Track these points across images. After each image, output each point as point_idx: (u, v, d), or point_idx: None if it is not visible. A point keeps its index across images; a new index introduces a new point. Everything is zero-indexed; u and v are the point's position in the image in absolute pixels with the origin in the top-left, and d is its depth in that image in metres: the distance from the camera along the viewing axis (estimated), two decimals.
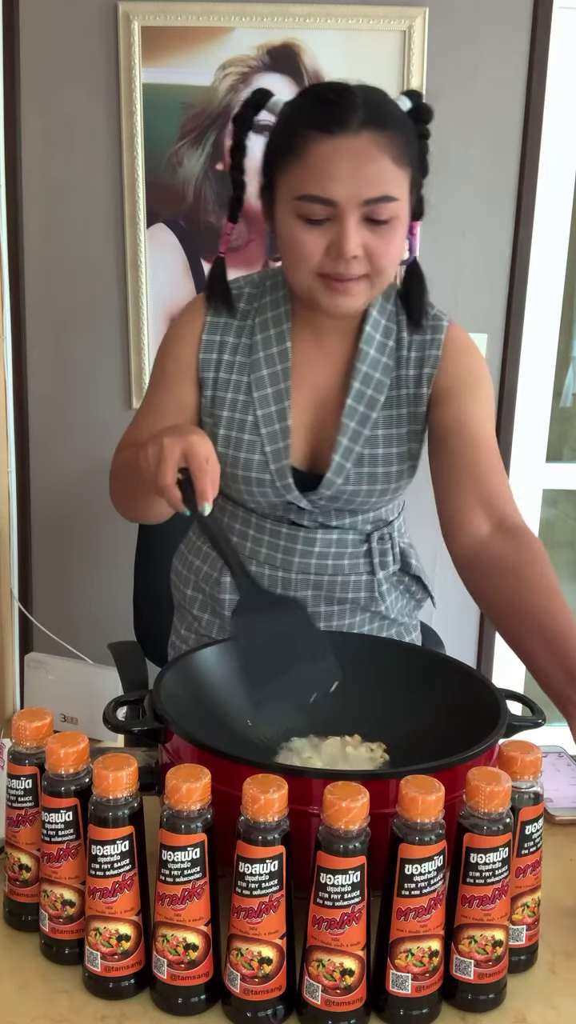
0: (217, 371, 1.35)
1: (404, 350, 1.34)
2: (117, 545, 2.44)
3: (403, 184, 1.20)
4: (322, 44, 2.30)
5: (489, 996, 0.90)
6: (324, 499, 1.36)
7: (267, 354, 1.33)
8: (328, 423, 1.35)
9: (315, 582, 1.41)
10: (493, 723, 1.04)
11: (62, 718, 2.35)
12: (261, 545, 1.42)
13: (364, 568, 1.43)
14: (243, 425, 1.34)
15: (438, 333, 1.33)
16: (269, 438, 1.33)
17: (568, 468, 2.73)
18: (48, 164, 2.39)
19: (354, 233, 1.17)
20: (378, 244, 1.19)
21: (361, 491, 1.35)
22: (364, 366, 1.32)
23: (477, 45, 2.33)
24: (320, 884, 0.84)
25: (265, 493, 1.36)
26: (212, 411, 1.36)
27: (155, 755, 1.10)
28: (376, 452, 1.34)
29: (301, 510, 1.37)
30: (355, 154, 1.15)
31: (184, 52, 2.31)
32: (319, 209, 1.17)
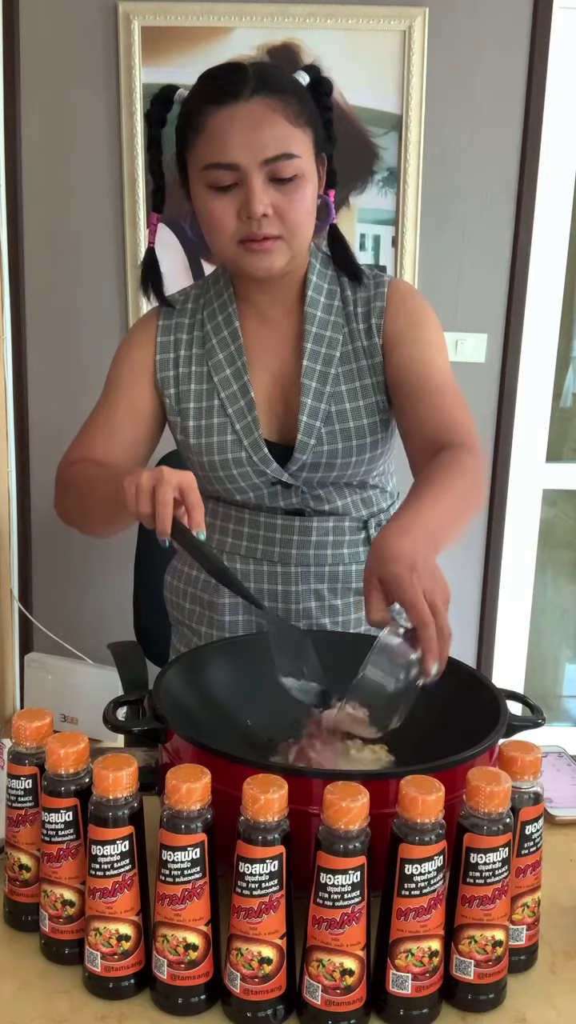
0: (176, 368, 1.39)
1: (351, 306, 1.37)
2: (117, 545, 2.44)
3: (304, 143, 1.25)
4: (322, 44, 2.30)
5: (489, 996, 0.90)
6: (304, 468, 1.36)
7: (219, 339, 1.38)
8: (291, 393, 1.37)
9: (316, 573, 1.42)
10: (493, 723, 1.04)
11: (62, 718, 2.35)
12: (257, 541, 1.42)
13: (364, 556, 1.43)
14: (211, 411, 1.37)
15: (381, 287, 1.38)
16: (237, 415, 1.36)
17: (568, 468, 2.73)
18: (48, 164, 2.39)
19: (261, 193, 1.22)
20: (286, 202, 1.24)
21: (337, 450, 1.35)
22: (313, 327, 1.36)
23: (477, 45, 2.33)
24: (320, 884, 0.84)
25: (246, 474, 1.37)
26: (178, 407, 1.39)
27: (155, 755, 1.10)
28: (343, 407, 1.35)
29: (287, 488, 1.38)
30: (249, 119, 1.22)
31: (184, 52, 2.31)
32: (224, 175, 1.23)
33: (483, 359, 2.48)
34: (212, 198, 1.25)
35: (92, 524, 1.34)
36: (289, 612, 1.42)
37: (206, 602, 1.48)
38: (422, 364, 1.33)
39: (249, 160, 1.21)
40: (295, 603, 1.42)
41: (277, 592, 1.42)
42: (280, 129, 1.22)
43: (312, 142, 1.26)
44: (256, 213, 1.22)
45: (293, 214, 1.24)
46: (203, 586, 1.48)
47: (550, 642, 3.13)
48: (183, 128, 1.28)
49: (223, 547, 1.45)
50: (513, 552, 2.61)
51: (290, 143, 1.22)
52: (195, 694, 1.15)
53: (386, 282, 1.38)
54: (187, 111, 1.27)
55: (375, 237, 2.39)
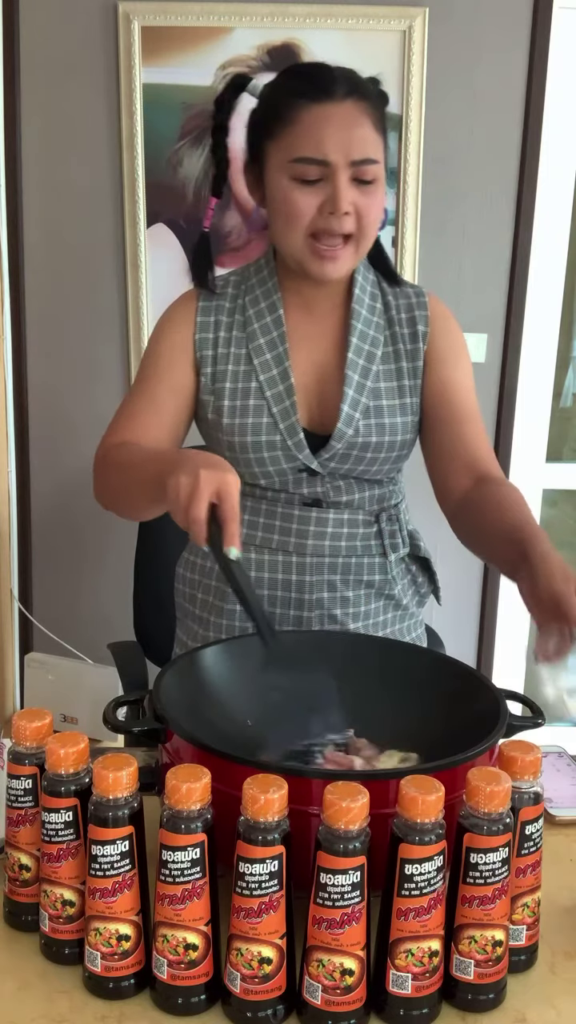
0: (215, 348, 1.40)
1: (393, 311, 1.43)
2: (117, 545, 2.44)
3: (381, 149, 1.30)
4: (322, 44, 2.30)
5: (489, 996, 0.90)
6: (335, 458, 1.38)
7: (261, 324, 1.40)
8: (329, 384, 1.40)
9: (330, 564, 1.43)
10: (493, 723, 1.04)
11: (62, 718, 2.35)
12: (273, 531, 1.43)
13: (376, 550, 1.45)
14: (247, 392, 1.39)
15: (422, 297, 1.44)
16: (275, 399, 1.38)
17: (568, 468, 2.73)
18: (48, 164, 2.39)
19: (346, 190, 1.26)
20: (365, 203, 1.28)
21: (370, 443, 1.38)
22: (359, 323, 1.40)
23: (477, 45, 2.33)
24: (320, 884, 0.84)
25: (276, 458, 1.38)
26: (214, 387, 1.40)
27: (155, 755, 1.10)
28: (380, 403, 1.39)
29: (313, 476, 1.40)
30: (343, 118, 1.26)
31: (184, 52, 2.31)
32: (313, 170, 1.26)
33: (483, 359, 2.48)
34: (296, 190, 1.27)
35: (133, 509, 1.33)
36: (302, 601, 1.43)
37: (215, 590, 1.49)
38: (460, 389, 1.42)
39: (340, 158, 1.25)
40: (308, 593, 1.43)
41: (291, 582, 1.43)
42: (368, 133, 1.27)
43: (384, 149, 1.31)
44: (340, 210, 1.26)
45: (368, 216, 1.29)
46: (218, 576, 1.49)
47: None
48: (266, 118, 1.30)
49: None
50: None
51: (374, 148, 1.27)
52: (195, 694, 1.15)
53: (425, 294, 1.44)
54: (274, 103, 1.29)
55: None
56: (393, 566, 1.48)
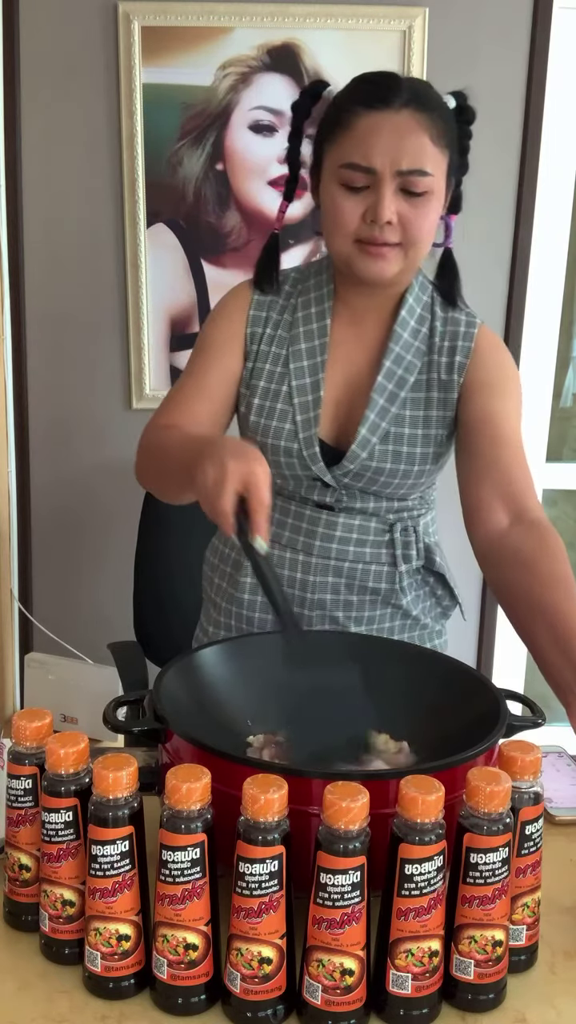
0: (259, 344, 1.41)
1: (436, 338, 1.40)
2: (117, 545, 2.45)
3: (440, 163, 1.28)
4: (322, 44, 2.30)
5: (489, 996, 0.90)
6: (348, 475, 1.38)
7: (306, 329, 1.40)
8: (357, 401, 1.40)
9: (335, 567, 1.43)
10: (493, 723, 1.04)
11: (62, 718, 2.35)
12: (284, 528, 1.44)
13: (386, 559, 1.45)
14: (277, 395, 1.39)
15: (471, 328, 1.40)
16: (301, 408, 1.38)
17: (568, 468, 2.73)
18: (48, 164, 2.39)
19: (390, 200, 1.26)
20: (412, 214, 1.27)
21: (384, 469, 1.38)
22: (397, 347, 1.39)
23: (477, 45, 2.33)
24: (320, 884, 0.84)
25: (292, 464, 1.39)
26: (250, 382, 1.41)
27: (155, 755, 1.10)
28: (402, 431, 1.38)
29: (325, 487, 1.40)
30: (396, 128, 1.25)
31: (184, 52, 2.31)
32: (359, 177, 1.26)
33: None
34: (342, 196, 1.28)
35: (169, 492, 1.34)
36: (304, 600, 1.44)
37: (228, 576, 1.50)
38: (502, 420, 1.35)
39: (386, 167, 1.25)
40: (311, 593, 1.44)
41: (296, 579, 1.44)
42: (421, 145, 1.25)
43: (447, 164, 1.30)
44: (381, 219, 1.26)
45: (415, 227, 1.28)
46: (233, 564, 1.50)
47: None
48: (329, 122, 1.31)
49: None
50: None
51: (427, 160, 1.26)
52: (195, 694, 1.15)
53: (476, 324, 1.41)
54: (337, 108, 1.30)
55: None
56: (404, 577, 1.46)
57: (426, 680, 1.20)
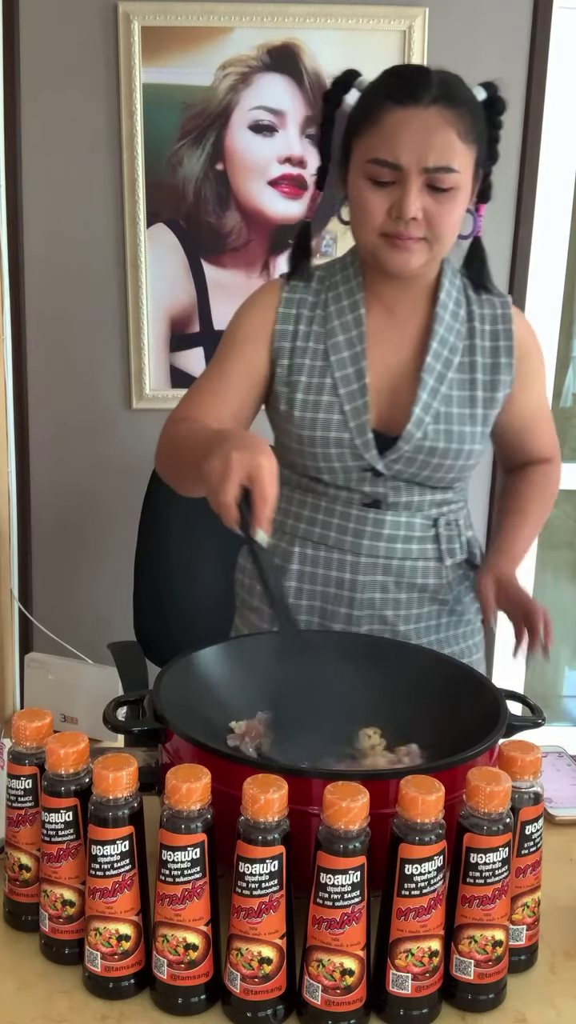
0: (294, 341, 1.41)
1: (475, 321, 1.44)
2: (117, 545, 2.44)
3: (467, 159, 1.30)
4: (322, 44, 2.30)
5: (489, 996, 0.90)
6: (400, 460, 1.39)
7: (342, 321, 1.41)
8: (402, 386, 1.41)
9: (384, 566, 1.44)
10: (493, 723, 1.04)
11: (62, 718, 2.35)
12: (330, 529, 1.45)
13: (432, 554, 1.46)
14: (321, 388, 1.40)
15: (507, 309, 1.46)
16: (348, 397, 1.39)
17: (568, 468, 2.72)
18: (48, 164, 2.39)
19: (415, 197, 1.27)
20: (437, 210, 1.29)
21: (437, 449, 1.40)
22: (441, 328, 1.41)
23: (477, 45, 2.33)
24: (320, 884, 0.84)
25: (343, 455, 1.40)
26: (289, 379, 1.41)
27: (155, 755, 1.10)
28: (451, 411, 1.41)
29: (376, 477, 1.41)
30: (423, 124, 1.26)
31: (184, 52, 2.31)
32: (386, 172, 1.27)
33: None
34: (369, 190, 1.29)
35: (184, 485, 1.34)
36: (354, 600, 1.44)
37: None
38: (536, 408, 1.51)
39: (412, 164, 1.26)
40: (360, 592, 1.44)
41: (344, 580, 1.45)
42: (449, 142, 1.26)
43: (474, 159, 1.32)
44: (407, 216, 1.27)
45: (440, 223, 1.30)
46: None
47: None
48: (358, 116, 1.32)
49: (296, 532, 1.47)
50: None
51: (454, 157, 1.27)
52: (195, 694, 1.15)
53: (510, 304, 1.46)
54: (366, 102, 1.31)
55: None
56: (449, 571, 1.48)
57: (426, 680, 1.20)
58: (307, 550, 1.46)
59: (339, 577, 1.45)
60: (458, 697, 1.16)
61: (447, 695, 1.17)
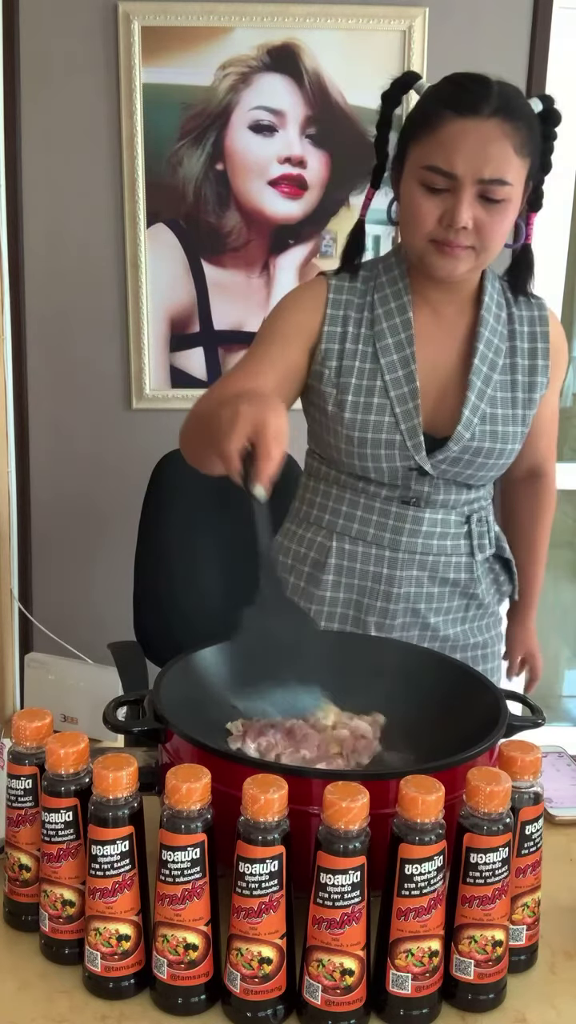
0: (343, 343, 1.42)
1: (516, 324, 1.47)
2: (117, 545, 2.44)
3: (520, 172, 1.32)
4: (322, 44, 2.30)
5: (489, 996, 0.90)
6: (447, 460, 1.42)
7: (390, 324, 1.42)
8: (448, 389, 1.44)
9: (420, 562, 1.48)
10: (493, 723, 1.04)
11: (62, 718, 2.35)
12: (369, 525, 1.47)
13: (464, 549, 1.50)
14: (372, 390, 1.41)
15: (543, 311, 1.50)
16: (399, 400, 1.41)
17: (568, 468, 2.73)
18: (48, 164, 2.39)
19: (467, 206, 1.29)
20: (488, 221, 1.31)
21: (483, 449, 1.43)
22: (486, 331, 1.44)
23: (477, 45, 2.33)
24: (320, 884, 0.84)
25: (392, 456, 1.42)
26: (338, 380, 1.42)
27: (155, 755, 1.10)
28: (496, 412, 1.44)
29: (422, 476, 1.43)
30: (481, 136, 1.28)
31: (184, 52, 2.31)
32: (440, 179, 1.29)
33: None
34: (421, 195, 1.31)
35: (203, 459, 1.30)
36: (390, 594, 1.47)
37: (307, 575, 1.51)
38: (552, 412, 1.56)
39: (467, 174, 1.28)
40: (397, 587, 1.47)
41: (382, 575, 1.47)
42: (505, 155, 1.28)
43: (527, 172, 1.33)
44: (458, 223, 1.29)
45: (490, 233, 1.32)
46: (313, 563, 1.51)
47: (550, 642, 3.12)
48: (417, 120, 1.34)
49: (334, 527, 1.49)
50: None
51: (508, 170, 1.29)
52: (195, 694, 1.15)
53: (546, 307, 1.50)
54: (425, 108, 1.33)
55: (375, 237, 2.39)
56: (479, 566, 1.52)
57: (426, 680, 1.20)
58: (345, 545, 1.49)
59: (376, 572, 1.47)
60: (458, 697, 1.16)
61: (447, 695, 1.17)
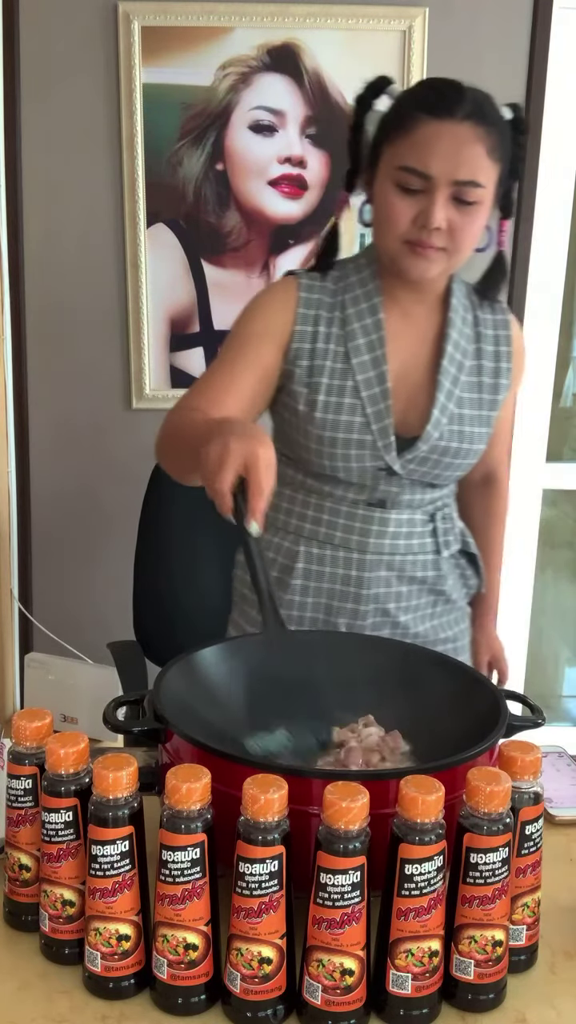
0: (314, 342, 1.43)
1: (482, 327, 1.49)
2: (117, 545, 2.44)
3: (492, 176, 1.33)
4: (322, 44, 2.30)
5: (489, 996, 0.90)
6: (416, 460, 1.43)
7: (362, 324, 1.43)
8: (417, 389, 1.45)
9: (388, 562, 1.49)
10: (493, 723, 1.04)
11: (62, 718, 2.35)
12: (336, 528, 1.48)
13: (430, 547, 1.52)
14: (343, 390, 1.42)
15: (505, 315, 1.52)
16: (370, 400, 1.41)
17: (568, 468, 2.73)
18: (48, 164, 2.39)
19: (441, 207, 1.31)
20: (461, 223, 1.33)
21: (451, 449, 1.44)
22: (454, 332, 1.46)
23: (477, 45, 2.33)
24: (320, 884, 0.84)
25: (362, 456, 1.42)
26: (310, 380, 1.43)
27: (155, 755, 1.10)
28: (463, 412, 1.46)
29: (390, 477, 1.44)
30: (456, 138, 1.30)
31: (184, 52, 2.31)
32: (415, 180, 1.31)
33: None
34: (396, 196, 1.33)
35: (183, 473, 1.34)
36: (360, 596, 1.48)
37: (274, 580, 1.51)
38: (510, 413, 1.60)
39: (442, 175, 1.29)
40: (366, 588, 1.48)
41: (351, 577, 1.48)
42: (478, 157, 1.30)
43: (498, 175, 1.34)
44: (432, 225, 1.31)
45: (462, 235, 1.33)
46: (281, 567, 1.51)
47: (550, 642, 3.13)
48: (391, 123, 1.35)
49: (301, 531, 1.49)
50: (513, 552, 2.61)
51: (481, 173, 1.31)
52: (195, 694, 1.15)
53: (508, 311, 1.53)
54: (400, 110, 1.35)
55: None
56: (444, 563, 1.53)
57: (426, 680, 1.20)
58: (313, 549, 1.48)
59: (345, 575, 1.48)
60: (458, 697, 1.16)
61: (447, 695, 1.17)
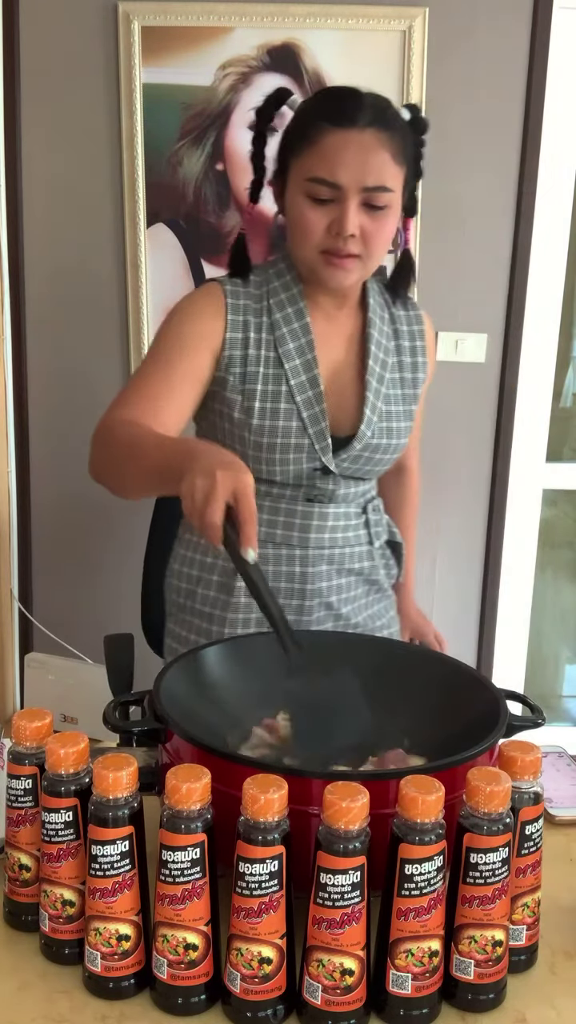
0: (246, 349, 1.43)
1: (398, 324, 1.53)
2: (117, 545, 2.45)
3: (398, 178, 1.35)
4: (322, 44, 2.30)
5: (489, 996, 0.90)
6: (350, 459, 1.46)
7: (290, 329, 1.45)
8: (345, 390, 1.48)
9: (328, 556, 1.52)
10: (493, 723, 1.04)
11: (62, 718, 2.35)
12: (277, 527, 1.49)
13: (364, 539, 1.56)
14: (277, 395, 1.43)
15: (418, 311, 1.56)
16: (305, 404, 1.43)
17: (568, 468, 2.73)
18: (48, 164, 2.39)
19: (353, 215, 1.33)
20: (373, 227, 1.35)
21: (381, 446, 1.48)
22: (375, 332, 1.49)
23: (477, 45, 2.33)
24: (320, 884, 0.84)
25: (300, 459, 1.44)
26: (243, 387, 1.43)
27: (155, 755, 1.10)
28: (389, 409, 1.49)
29: (325, 475, 1.46)
30: (361, 146, 1.31)
31: (184, 52, 2.31)
32: (325, 191, 1.32)
33: (483, 359, 2.48)
34: (308, 207, 1.34)
35: (129, 488, 1.30)
36: (304, 591, 1.50)
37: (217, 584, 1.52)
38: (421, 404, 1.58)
39: (352, 183, 1.31)
40: (310, 583, 1.50)
41: (295, 574, 1.50)
42: (384, 162, 1.32)
43: (404, 178, 1.37)
44: (345, 231, 1.33)
45: (376, 239, 1.36)
46: (221, 571, 1.51)
47: (550, 642, 3.13)
48: (294, 136, 1.37)
49: None
50: (513, 552, 2.61)
51: (388, 177, 1.33)
52: (195, 694, 1.15)
53: (418, 308, 1.55)
54: (302, 123, 1.36)
55: None
56: (376, 553, 1.58)
57: (426, 680, 1.20)
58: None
59: (289, 571, 1.50)
60: (458, 697, 1.16)
61: (447, 695, 1.17)
